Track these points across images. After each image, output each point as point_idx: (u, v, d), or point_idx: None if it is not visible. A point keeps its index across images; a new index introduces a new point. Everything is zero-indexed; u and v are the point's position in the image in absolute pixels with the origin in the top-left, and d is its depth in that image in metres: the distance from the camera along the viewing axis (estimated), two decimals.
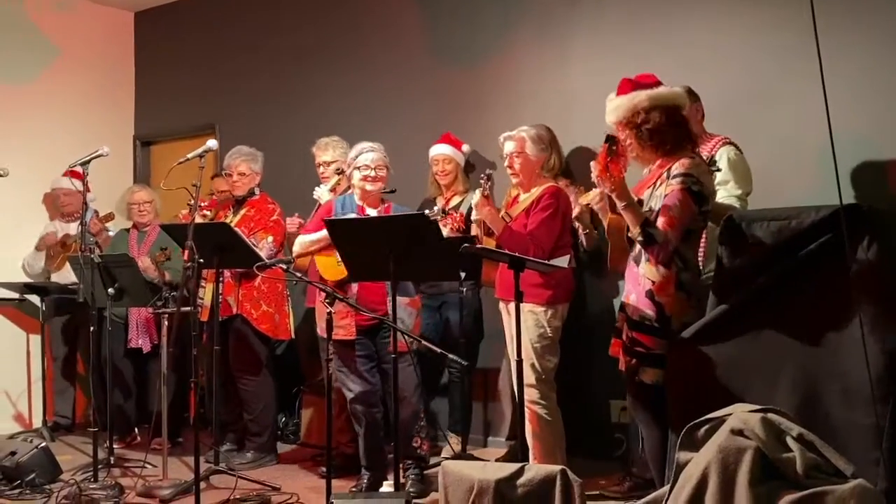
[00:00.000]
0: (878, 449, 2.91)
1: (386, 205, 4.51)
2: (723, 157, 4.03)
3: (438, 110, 5.80)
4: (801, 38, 4.26)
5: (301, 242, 4.55)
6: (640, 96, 3.48)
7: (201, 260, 4.14)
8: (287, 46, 6.62)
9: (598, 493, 4.33)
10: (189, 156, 4.21)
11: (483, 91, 5.64)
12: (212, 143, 4.28)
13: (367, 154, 4.42)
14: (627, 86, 3.56)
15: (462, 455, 4.92)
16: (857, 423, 2.97)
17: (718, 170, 3.88)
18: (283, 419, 5.91)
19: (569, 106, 5.21)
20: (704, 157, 4.01)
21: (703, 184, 3.36)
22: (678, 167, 3.37)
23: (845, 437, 3.00)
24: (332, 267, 4.34)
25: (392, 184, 4.56)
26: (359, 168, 4.43)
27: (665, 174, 3.43)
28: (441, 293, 5.10)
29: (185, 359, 5.51)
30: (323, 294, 4.03)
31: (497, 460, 4.51)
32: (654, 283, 3.40)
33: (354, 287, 4.38)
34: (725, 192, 4.00)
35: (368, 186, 4.41)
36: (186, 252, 4.09)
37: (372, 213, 4.44)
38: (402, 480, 4.51)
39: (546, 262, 3.81)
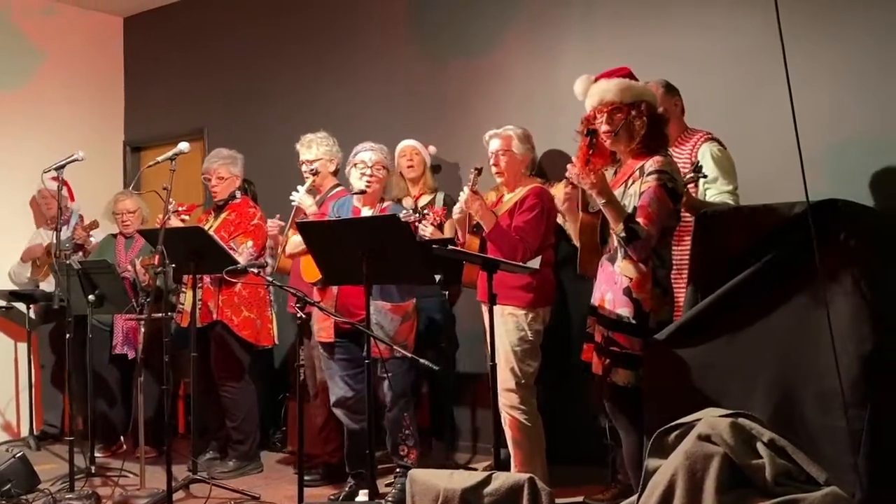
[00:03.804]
0: (855, 455, 2.80)
1: (384, 205, 4.42)
2: (706, 154, 3.94)
3: (429, 111, 5.74)
4: (792, 36, 4.21)
5: (293, 243, 4.49)
6: (645, 90, 3.46)
7: (173, 265, 4.05)
8: (276, 50, 6.57)
9: (581, 499, 4.24)
10: (159, 159, 4.16)
11: (473, 91, 5.57)
12: (183, 145, 4.21)
13: (367, 153, 4.37)
14: (624, 72, 3.54)
15: (447, 464, 4.84)
16: (834, 427, 2.86)
17: (704, 176, 3.77)
18: (272, 429, 5.85)
19: (557, 107, 5.11)
20: (688, 159, 3.96)
21: (677, 181, 3.34)
22: (652, 164, 3.33)
23: (822, 441, 2.90)
24: (314, 267, 4.26)
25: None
26: (356, 165, 4.38)
27: (637, 172, 3.37)
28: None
29: (171, 366, 5.45)
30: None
31: (484, 468, 4.42)
32: (631, 280, 3.35)
33: (335, 289, 4.30)
34: (716, 190, 3.92)
35: (363, 185, 4.34)
36: (157, 257, 4.01)
37: (367, 213, 4.36)
38: (388, 488, 4.46)
39: (518, 263, 3.71)
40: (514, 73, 5.40)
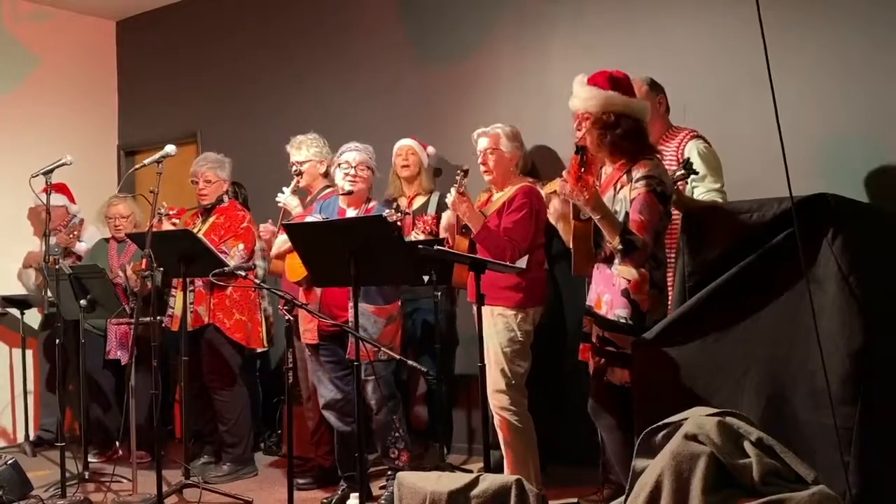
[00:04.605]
0: (847, 453, 2.76)
1: (370, 205, 4.38)
2: (692, 151, 3.92)
3: (420, 110, 5.73)
4: (785, 33, 4.19)
5: (278, 242, 4.47)
6: (616, 99, 3.40)
7: (161, 269, 4.03)
8: (268, 52, 6.56)
9: (576, 500, 4.21)
10: (146, 161, 4.15)
11: (463, 90, 5.56)
12: (169, 148, 4.20)
13: (350, 153, 4.33)
14: (601, 78, 3.47)
15: (442, 465, 4.81)
16: (825, 424, 2.80)
17: (696, 173, 3.74)
18: (267, 432, 5.83)
19: (547, 105, 5.10)
20: (673, 156, 3.94)
21: (665, 183, 3.32)
22: (640, 169, 3.32)
23: (813, 439, 2.85)
24: (298, 267, 4.23)
25: (373, 184, 4.47)
26: (340, 166, 4.35)
27: (625, 177, 3.36)
28: (414, 298, 4.97)
29: (165, 370, 5.42)
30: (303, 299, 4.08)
31: (479, 470, 4.39)
32: (629, 281, 3.33)
33: (318, 291, 4.27)
34: (704, 188, 3.90)
35: (347, 186, 4.30)
36: (145, 261, 3.99)
37: (353, 213, 4.32)
38: (381, 491, 4.43)
39: (505, 263, 3.68)
40: (505, 70, 5.38)
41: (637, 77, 3.97)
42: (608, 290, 3.41)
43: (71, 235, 5.83)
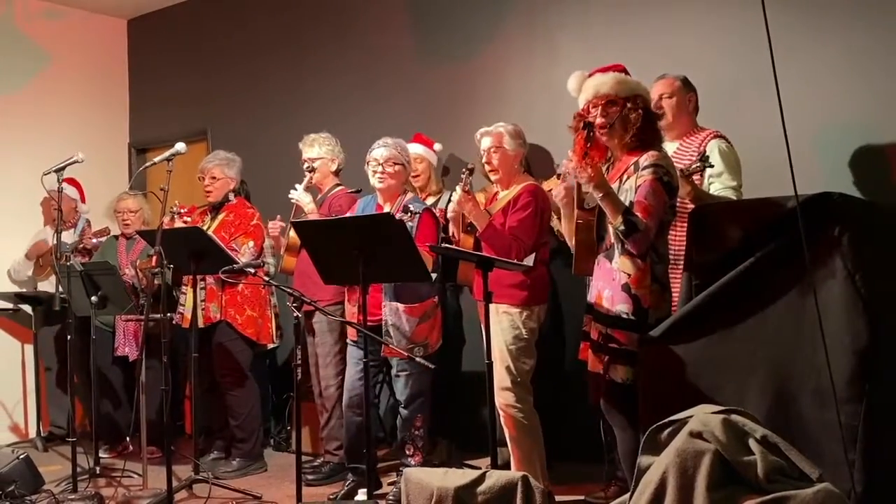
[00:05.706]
0: (852, 450, 2.77)
1: (405, 199, 4.41)
2: (713, 149, 3.95)
3: (428, 109, 5.75)
4: (789, 29, 4.19)
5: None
6: (642, 87, 3.45)
7: (171, 266, 4.07)
8: (278, 50, 6.59)
9: (582, 498, 4.22)
10: (156, 160, 4.18)
11: (471, 89, 5.57)
12: (180, 146, 4.23)
13: (378, 150, 4.39)
14: (620, 68, 3.53)
15: (449, 461, 4.83)
16: (831, 422, 2.82)
17: (711, 165, 3.77)
18: (278, 427, 5.87)
19: (556, 103, 5.09)
20: (696, 152, 3.95)
21: (672, 175, 3.32)
22: (647, 158, 3.32)
23: (819, 437, 2.86)
24: None
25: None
26: (369, 164, 4.42)
27: (632, 167, 3.36)
28: None
29: (175, 367, 5.45)
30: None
31: (486, 466, 4.41)
32: (629, 276, 3.32)
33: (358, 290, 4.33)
34: (721, 185, 3.92)
35: (377, 183, 4.38)
36: (154, 258, 4.03)
37: (388, 209, 4.36)
38: (390, 487, 4.46)
39: (512, 261, 3.70)
40: (513, 68, 5.40)
41: (670, 74, 4.04)
42: (608, 285, 3.40)
43: (99, 241, 5.87)
